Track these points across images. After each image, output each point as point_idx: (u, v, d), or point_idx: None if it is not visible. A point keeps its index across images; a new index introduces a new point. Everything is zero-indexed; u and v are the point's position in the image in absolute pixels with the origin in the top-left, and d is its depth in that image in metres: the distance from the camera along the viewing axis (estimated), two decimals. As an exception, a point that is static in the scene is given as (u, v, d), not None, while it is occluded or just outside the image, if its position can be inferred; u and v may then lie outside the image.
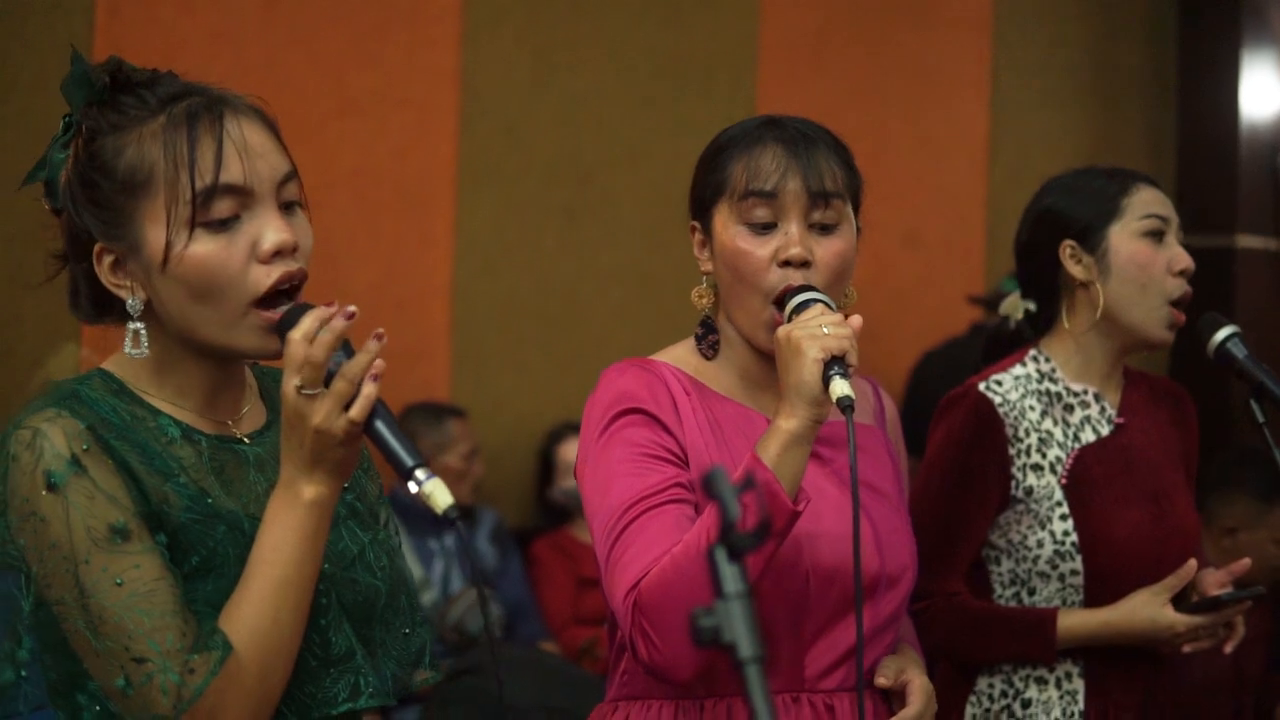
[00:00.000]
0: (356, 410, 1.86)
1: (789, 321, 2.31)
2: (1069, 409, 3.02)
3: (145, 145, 1.93)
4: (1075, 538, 2.94)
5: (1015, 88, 7.07)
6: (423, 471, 1.83)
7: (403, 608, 2.11)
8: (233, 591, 1.90)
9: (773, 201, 2.39)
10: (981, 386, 3.00)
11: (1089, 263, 3.01)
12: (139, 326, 1.96)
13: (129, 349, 1.96)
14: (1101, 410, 3.04)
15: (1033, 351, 3.07)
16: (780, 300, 2.36)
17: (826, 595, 2.38)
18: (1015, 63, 7.08)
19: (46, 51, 4.98)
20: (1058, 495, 2.96)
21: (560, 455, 5.67)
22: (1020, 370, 3.04)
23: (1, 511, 1.88)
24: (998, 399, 2.98)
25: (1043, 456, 2.97)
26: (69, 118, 2.01)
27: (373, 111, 5.57)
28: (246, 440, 2.03)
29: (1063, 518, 2.95)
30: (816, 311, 2.29)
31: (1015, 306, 3.15)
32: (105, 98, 1.98)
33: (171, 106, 1.95)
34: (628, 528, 2.29)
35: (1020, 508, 2.97)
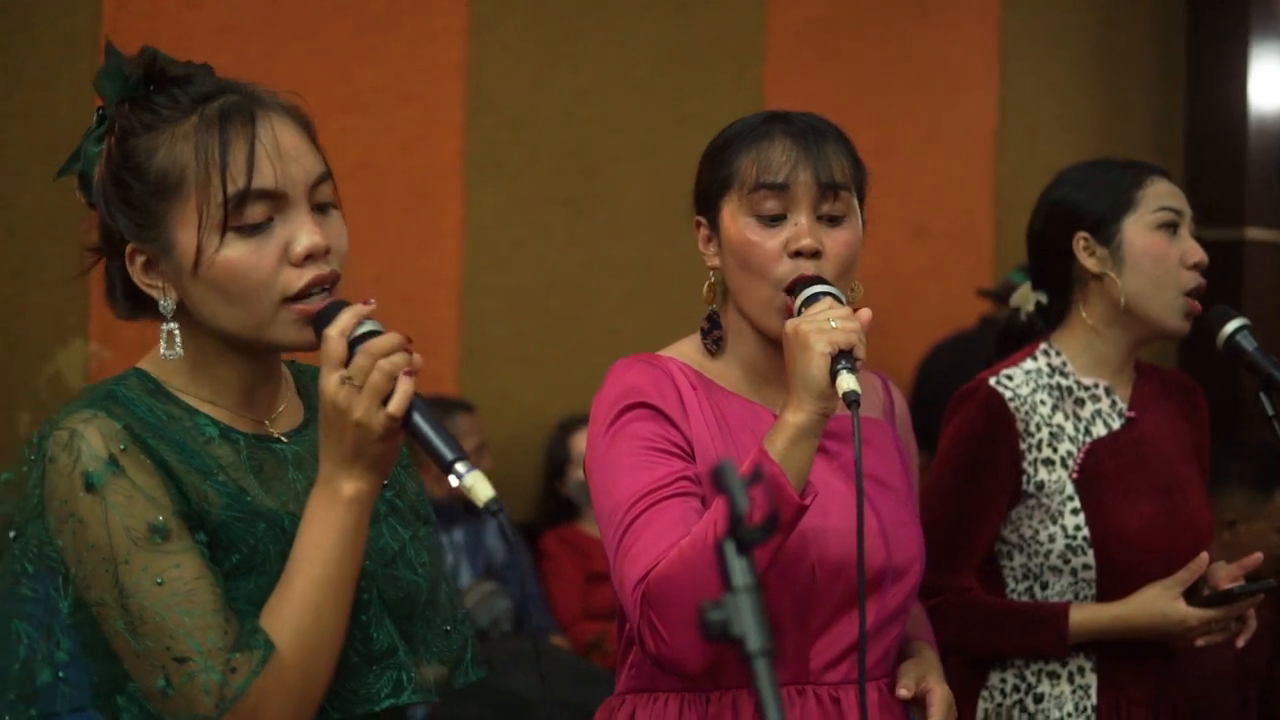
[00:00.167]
0: (395, 405, 1.85)
1: (798, 313, 2.31)
2: (1080, 403, 3.02)
3: (177, 147, 1.92)
4: (1087, 532, 2.93)
5: (1023, 79, 7.06)
6: (463, 464, 1.81)
7: (444, 605, 2.10)
8: (274, 589, 1.89)
9: (783, 194, 2.39)
10: (992, 381, 2.99)
11: (1102, 255, 3.00)
12: (173, 327, 1.95)
13: (164, 351, 1.95)
14: (1113, 404, 3.04)
15: (1043, 345, 3.06)
16: (792, 288, 2.37)
17: (832, 588, 2.39)
18: (1023, 54, 7.07)
19: (52, 46, 4.98)
20: (1069, 489, 2.95)
21: (572, 446, 5.66)
22: (1031, 364, 3.03)
23: (40, 513, 1.88)
24: (1008, 394, 2.97)
25: (1054, 451, 2.97)
26: (103, 110, 1.99)
27: (378, 106, 5.57)
28: (284, 439, 2.03)
29: (1074, 512, 2.94)
30: (825, 305, 2.29)
31: (1026, 298, 3.14)
32: (139, 92, 1.96)
33: (204, 107, 1.94)
34: (635, 521, 2.30)
35: (1032, 502, 2.96)
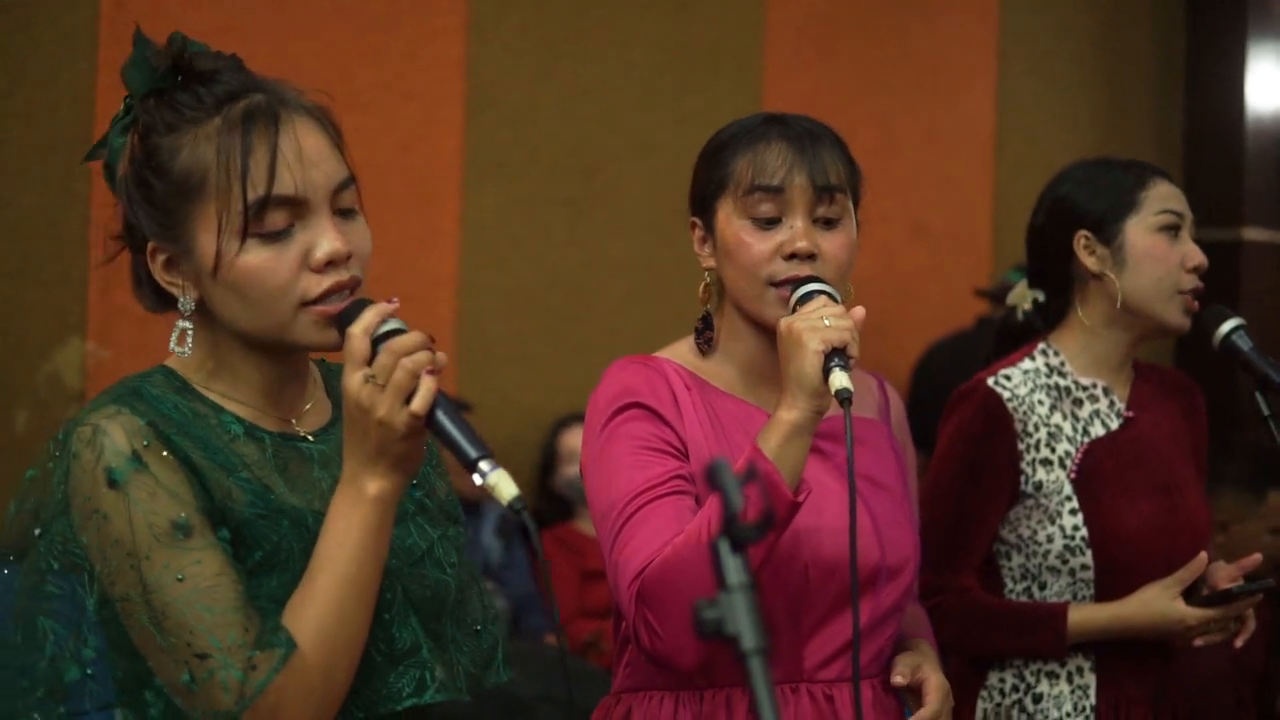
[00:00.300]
0: (418, 403, 1.84)
1: (792, 311, 2.33)
2: (1078, 403, 3.02)
3: (200, 149, 1.91)
4: (1085, 532, 2.94)
5: (1022, 78, 7.06)
6: (487, 463, 1.81)
7: (474, 605, 2.09)
8: (296, 587, 1.89)
9: (778, 196, 2.41)
10: (990, 381, 3.00)
11: (1103, 255, 3.00)
12: (186, 325, 1.95)
13: (174, 347, 1.96)
14: (1111, 404, 3.04)
15: (1041, 345, 3.06)
16: (786, 285, 2.38)
17: (826, 587, 2.40)
18: (1022, 53, 7.07)
19: (52, 45, 4.98)
20: (1067, 490, 2.96)
21: (562, 444, 5.66)
22: (1029, 364, 3.03)
23: (64, 510, 1.87)
24: (1006, 394, 2.98)
25: (1052, 451, 2.97)
26: (130, 99, 1.99)
27: (378, 104, 5.57)
28: (310, 438, 2.02)
29: (1072, 512, 2.94)
30: (819, 303, 2.31)
31: (1023, 296, 3.14)
32: (166, 84, 1.96)
33: (228, 108, 1.93)
34: (630, 519, 2.32)
35: (1030, 503, 2.97)
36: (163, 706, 1.88)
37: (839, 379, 2.24)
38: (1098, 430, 3.01)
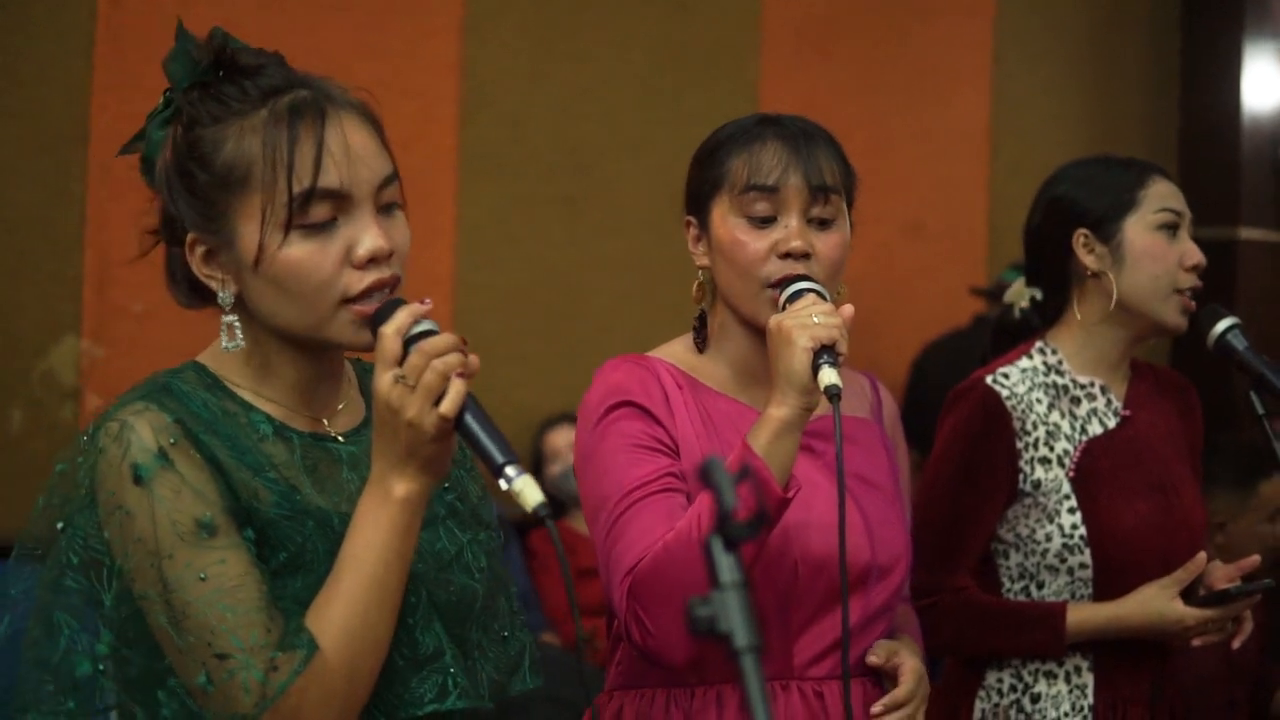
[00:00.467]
0: (447, 405, 1.83)
1: (782, 309, 2.34)
2: (1075, 401, 3.02)
3: (245, 141, 1.91)
4: (1084, 531, 2.93)
5: (1017, 77, 7.06)
6: (513, 468, 1.80)
7: (502, 611, 2.08)
8: (321, 589, 1.87)
9: (774, 196, 2.42)
10: (989, 380, 2.99)
11: (1102, 253, 3.00)
12: (233, 319, 1.94)
13: (224, 343, 1.94)
14: (1108, 403, 3.04)
15: (1039, 343, 3.06)
16: (780, 285, 2.39)
17: (815, 584, 2.41)
18: (1017, 52, 7.07)
19: (47, 44, 4.98)
20: (1066, 488, 2.95)
21: (549, 443, 5.66)
22: (1027, 363, 3.03)
23: (89, 505, 1.86)
24: (1005, 392, 2.97)
25: (1050, 449, 2.97)
26: (169, 93, 1.98)
27: (374, 103, 5.57)
28: (340, 439, 2.01)
29: (1071, 511, 2.94)
30: (808, 301, 2.32)
31: (1020, 294, 3.14)
32: (208, 78, 1.95)
33: (274, 101, 1.92)
34: (622, 516, 2.34)
35: (1028, 501, 2.96)
36: (176, 706, 1.86)
37: (828, 376, 2.25)
38: (1095, 429, 3.01)
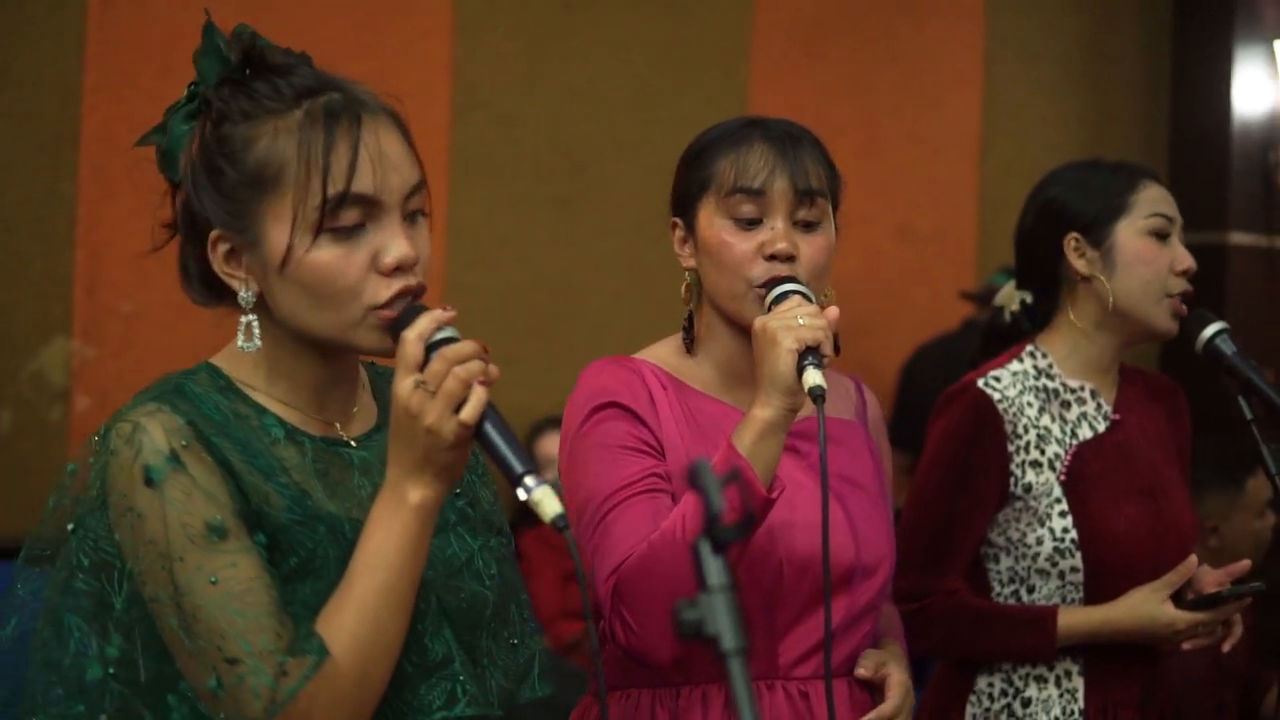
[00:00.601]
0: (468, 412, 1.82)
1: (768, 311, 2.35)
2: (1066, 405, 3.02)
3: (279, 140, 1.89)
4: (1075, 534, 2.93)
5: (1008, 80, 7.07)
6: (532, 479, 1.79)
7: (512, 618, 2.07)
8: (331, 594, 1.86)
9: (760, 198, 2.44)
10: (980, 383, 2.99)
11: (1093, 257, 3.01)
12: (251, 319, 1.92)
13: (241, 343, 1.92)
14: (1097, 406, 3.04)
15: (1029, 347, 3.06)
16: (766, 286, 2.40)
17: (800, 584, 2.42)
18: (1008, 55, 7.07)
19: (39, 43, 4.97)
20: (1057, 492, 2.96)
21: (540, 449, 5.65)
22: (1017, 366, 3.03)
23: (99, 506, 1.85)
24: (996, 395, 2.97)
25: (1041, 453, 2.97)
26: (194, 87, 1.96)
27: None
28: (353, 444, 2.00)
29: (1062, 514, 2.94)
30: (794, 303, 2.34)
31: (1011, 297, 3.15)
32: (238, 75, 1.94)
33: (309, 102, 1.91)
34: (606, 517, 2.35)
35: (1019, 505, 2.97)
36: (186, 711, 1.85)
37: (813, 377, 2.26)
38: (1085, 433, 3.01)
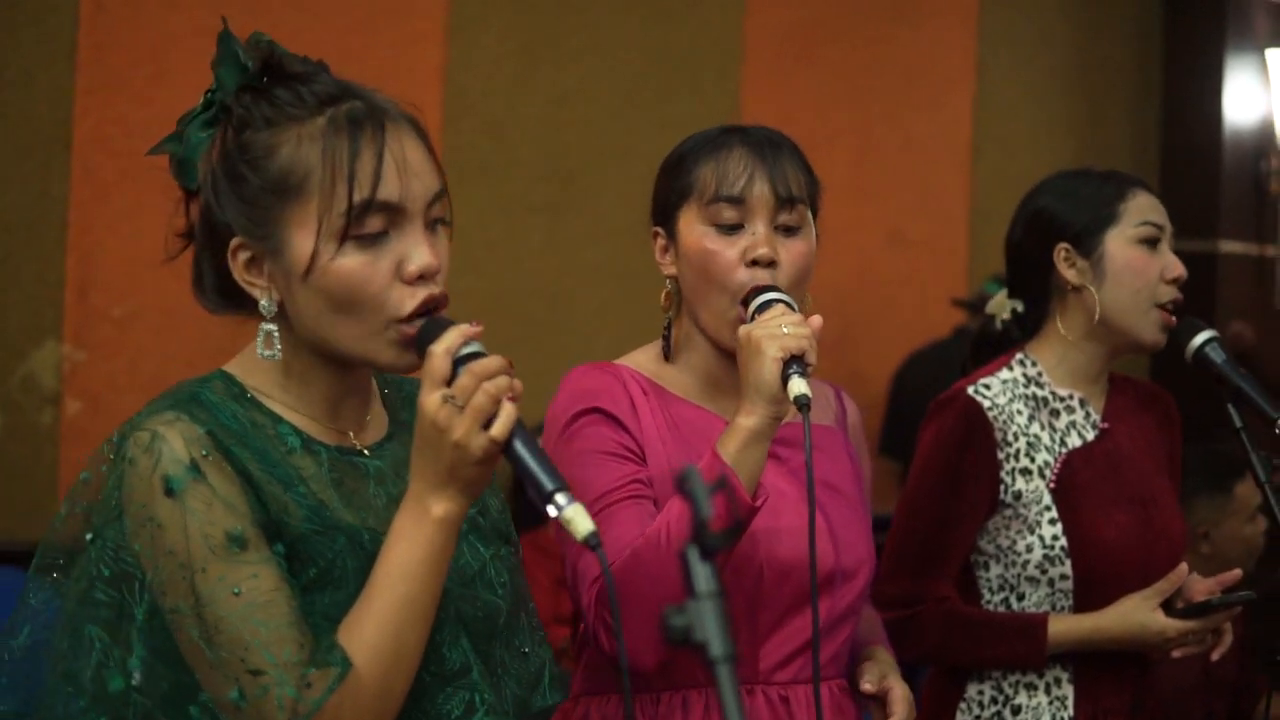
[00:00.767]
0: (499, 428, 1.80)
1: (751, 320, 2.36)
2: (1055, 413, 3.02)
3: (303, 148, 1.88)
4: (1064, 542, 2.93)
5: (1000, 87, 7.08)
6: (563, 496, 1.77)
7: (523, 626, 2.07)
8: (350, 605, 1.84)
9: (740, 205, 2.45)
10: (970, 390, 2.99)
11: (1083, 267, 3.01)
12: (272, 328, 1.90)
13: (261, 351, 1.90)
14: (1086, 415, 3.04)
15: (1019, 355, 3.07)
16: (746, 299, 2.40)
17: (781, 589, 2.43)
18: (1000, 62, 7.09)
19: (30, 46, 4.97)
20: (1046, 499, 2.96)
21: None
22: (1007, 374, 3.03)
23: (118, 516, 1.82)
24: (987, 403, 2.98)
25: (1031, 461, 2.97)
26: (211, 94, 1.95)
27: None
28: (367, 452, 1.98)
29: (1051, 522, 2.94)
30: (777, 312, 2.34)
31: (1002, 306, 3.15)
32: (258, 83, 1.93)
33: (332, 109, 1.90)
34: None
35: (1009, 512, 2.97)
36: None
37: (797, 385, 2.27)
38: (1074, 441, 3.01)
